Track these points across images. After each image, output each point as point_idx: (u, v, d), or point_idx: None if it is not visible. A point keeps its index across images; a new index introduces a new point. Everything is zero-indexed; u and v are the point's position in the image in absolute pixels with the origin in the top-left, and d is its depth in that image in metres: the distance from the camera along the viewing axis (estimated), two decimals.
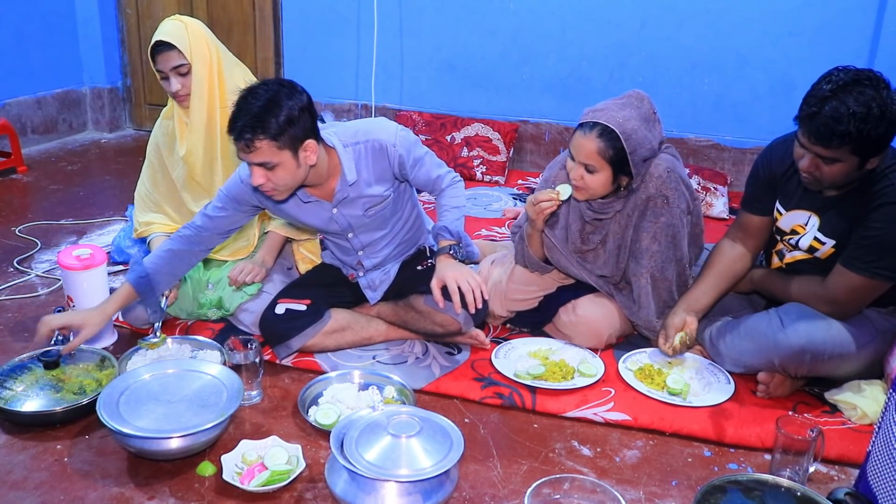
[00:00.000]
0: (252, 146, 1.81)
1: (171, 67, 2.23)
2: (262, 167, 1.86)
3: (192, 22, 2.28)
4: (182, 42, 2.22)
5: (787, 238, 2.09)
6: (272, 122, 1.80)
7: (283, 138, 1.82)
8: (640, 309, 2.19)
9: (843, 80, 1.76)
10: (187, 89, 2.26)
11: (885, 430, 1.51)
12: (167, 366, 1.89)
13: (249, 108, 1.81)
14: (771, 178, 2.09)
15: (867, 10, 3.47)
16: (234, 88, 2.27)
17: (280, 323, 2.12)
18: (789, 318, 1.99)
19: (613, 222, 2.17)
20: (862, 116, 1.71)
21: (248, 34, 4.56)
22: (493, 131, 4.05)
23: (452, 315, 2.11)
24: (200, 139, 2.32)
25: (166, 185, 2.47)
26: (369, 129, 2.07)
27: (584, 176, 2.05)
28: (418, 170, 2.10)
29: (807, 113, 1.79)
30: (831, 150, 1.78)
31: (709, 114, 3.87)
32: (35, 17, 4.35)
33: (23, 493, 1.63)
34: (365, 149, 2.04)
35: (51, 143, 4.54)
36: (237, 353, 1.94)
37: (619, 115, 2.00)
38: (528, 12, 3.99)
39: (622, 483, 1.72)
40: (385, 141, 2.04)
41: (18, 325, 2.36)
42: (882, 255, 1.87)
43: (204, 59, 2.26)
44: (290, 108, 1.83)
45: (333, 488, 1.58)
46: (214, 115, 2.31)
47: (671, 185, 2.08)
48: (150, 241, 2.46)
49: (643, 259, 2.14)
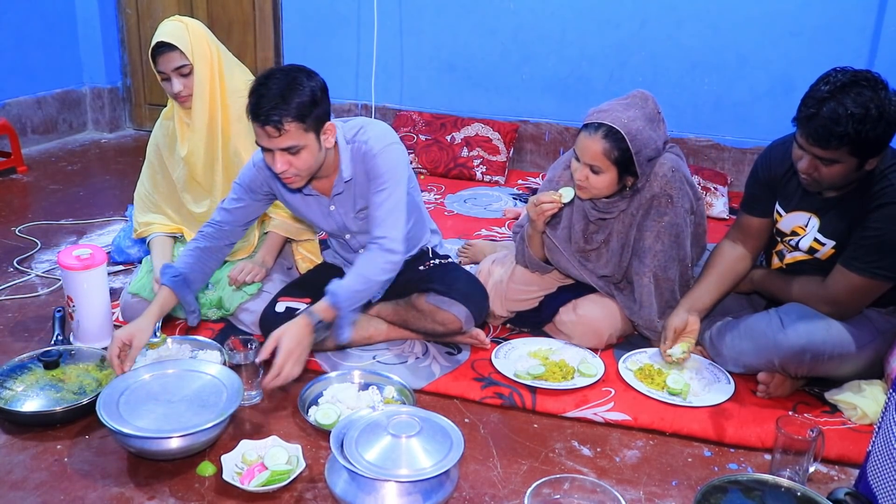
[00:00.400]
0: (282, 129, 1.79)
1: (173, 68, 2.22)
2: (287, 152, 1.84)
3: (193, 22, 2.28)
4: (183, 42, 2.21)
5: (787, 239, 2.09)
6: (298, 103, 1.79)
7: (309, 120, 1.82)
8: (641, 308, 2.19)
9: (840, 81, 1.75)
10: (189, 90, 2.26)
11: (885, 430, 1.51)
12: (167, 366, 1.89)
13: (272, 91, 1.79)
14: (771, 179, 2.09)
15: (867, 10, 3.47)
16: (235, 89, 2.28)
17: (280, 321, 2.11)
18: (789, 318, 1.99)
19: (617, 221, 2.17)
20: (860, 117, 1.71)
21: (248, 34, 4.56)
22: (493, 131, 4.05)
23: (455, 312, 2.12)
24: (202, 139, 2.31)
25: (166, 185, 2.47)
26: (367, 130, 2.04)
27: (590, 176, 2.05)
28: (375, 197, 1.98)
29: (805, 114, 1.79)
30: (829, 151, 1.77)
31: (709, 114, 3.87)
32: (35, 17, 4.35)
33: (23, 493, 1.63)
34: (357, 148, 2.03)
35: (51, 143, 4.54)
36: (237, 353, 1.94)
37: (623, 115, 2.00)
38: (528, 12, 3.99)
39: (622, 483, 1.72)
40: (370, 147, 2.00)
41: (18, 325, 2.36)
42: (882, 256, 1.87)
43: (205, 60, 2.25)
44: (312, 88, 1.83)
45: (333, 488, 1.58)
46: (216, 115, 2.30)
47: (675, 185, 2.09)
48: (149, 241, 2.45)
49: (646, 258, 2.14)
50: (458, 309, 2.11)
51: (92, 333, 2.21)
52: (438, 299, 2.13)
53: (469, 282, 2.24)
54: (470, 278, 2.27)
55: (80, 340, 2.21)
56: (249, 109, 1.83)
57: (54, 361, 1.99)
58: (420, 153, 4.06)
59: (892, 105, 1.73)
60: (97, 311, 2.21)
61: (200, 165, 2.35)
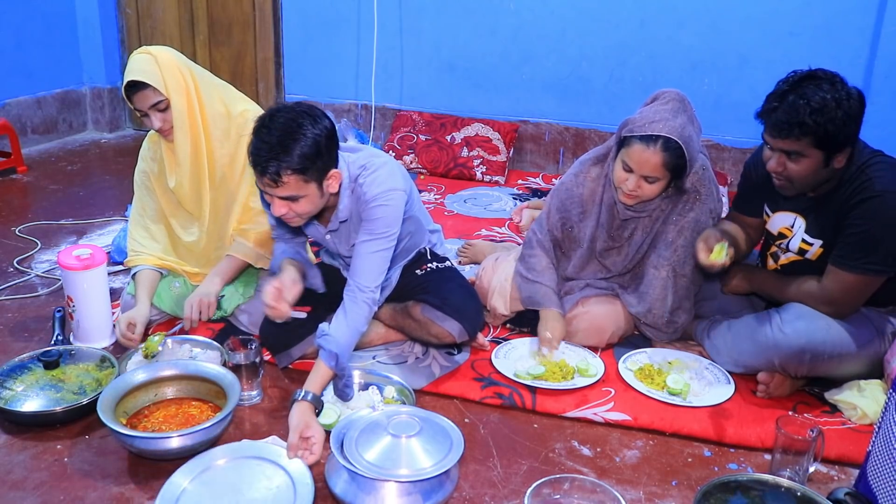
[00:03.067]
0: (280, 182, 1.72)
1: (149, 105, 2.14)
2: (286, 199, 1.79)
3: (162, 52, 2.17)
4: (155, 78, 2.11)
5: (777, 242, 2.10)
6: (300, 155, 1.70)
7: (311, 171, 1.74)
8: (652, 303, 2.19)
9: (798, 77, 1.84)
10: (169, 123, 2.18)
11: (885, 430, 1.51)
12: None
13: (272, 140, 1.70)
14: (759, 179, 2.10)
15: (867, 10, 3.47)
16: (216, 113, 2.22)
17: (281, 332, 2.09)
18: (789, 319, 1.99)
19: (645, 217, 2.18)
20: (817, 107, 1.77)
21: (248, 34, 4.56)
22: (493, 131, 4.05)
23: (448, 328, 2.10)
24: (187, 171, 2.24)
25: (155, 209, 2.38)
26: (369, 174, 1.93)
27: (643, 186, 2.06)
28: (364, 245, 1.92)
29: (766, 109, 1.86)
30: (791, 140, 1.82)
31: (709, 114, 3.86)
32: (35, 17, 4.35)
33: (23, 493, 1.63)
34: (358, 192, 1.95)
35: (51, 143, 4.54)
36: (237, 353, 1.94)
37: (675, 123, 2.00)
38: (528, 12, 3.99)
39: (622, 483, 1.72)
40: (368, 197, 1.91)
41: (18, 325, 2.36)
42: (869, 251, 1.88)
43: (181, 91, 2.16)
44: (316, 137, 1.73)
45: (333, 488, 1.58)
46: (199, 144, 2.23)
47: (705, 183, 2.13)
48: (134, 273, 2.33)
49: (666, 251, 2.16)
50: (451, 325, 2.09)
51: (92, 333, 2.21)
52: (433, 313, 2.11)
53: (463, 295, 2.18)
54: (465, 290, 2.22)
55: (80, 340, 2.21)
56: (249, 153, 1.75)
57: (54, 361, 1.99)
58: (420, 153, 4.06)
59: (850, 98, 1.79)
60: (97, 311, 2.21)
61: (188, 195, 2.29)
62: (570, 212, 2.27)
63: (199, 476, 1.59)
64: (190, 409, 1.86)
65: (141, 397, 1.86)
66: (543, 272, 2.29)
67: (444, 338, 2.12)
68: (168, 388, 1.90)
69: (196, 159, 2.25)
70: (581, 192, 2.25)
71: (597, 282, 2.30)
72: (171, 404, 1.87)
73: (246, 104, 2.31)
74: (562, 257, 2.35)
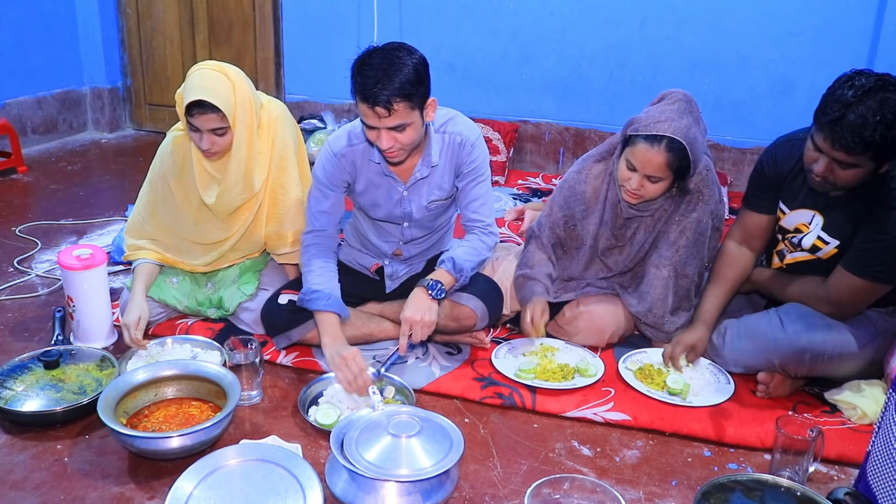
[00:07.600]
0: (391, 109, 1.80)
1: (209, 129, 2.04)
2: (393, 130, 1.85)
3: (238, 79, 2.08)
4: (227, 106, 2.01)
5: (789, 237, 2.08)
6: (407, 84, 1.80)
7: (416, 98, 1.83)
8: (652, 302, 2.19)
9: (866, 86, 1.71)
10: (219, 148, 2.08)
11: (885, 430, 1.51)
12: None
13: (378, 74, 1.79)
14: (776, 176, 2.07)
15: (867, 10, 3.46)
16: (260, 139, 2.19)
17: (282, 314, 2.13)
18: (789, 318, 1.99)
19: (649, 216, 2.18)
20: (888, 123, 1.68)
21: (248, 34, 4.56)
22: (493, 131, 4.05)
23: (472, 306, 2.13)
24: (237, 194, 2.18)
25: (167, 214, 2.30)
26: (457, 121, 2.09)
27: (646, 185, 2.06)
28: (471, 184, 2.09)
29: (830, 118, 1.74)
30: (853, 156, 1.75)
31: (709, 114, 3.82)
32: (35, 17, 4.35)
33: (23, 493, 1.63)
34: (449, 138, 2.06)
35: (51, 143, 4.54)
36: (237, 353, 1.94)
37: (681, 124, 2.00)
38: (528, 12, 3.99)
39: (622, 483, 1.72)
40: (466, 138, 2.06)
41: (18, 325, 2.36)
42: (884, 260, 1.87)
43: (247, 125, 2.10)
44: (416, 65, 1.83)
45: (333, 488, 1.58)
46: (252, 169, 2.17)
47: (708, 183, 2.13)
48: (135, 266, 2.29)
49: (668, 251, 2.16)
50: (476, 303, 2.12)
51: (92, 333, 2.21)
52: (456, 294, 2.13)
53: (487, 281, 2.25)
54: (488, 279, 2.27)
55: (80, 340, 2.21)
56: (356, 90, 1.83)
57: (54, 361, 1.99)
58: None
59: None
60: (97, 311, 2.21)
61: (224, 210, 2.22)
62: (574, 209, 2.27)
63: (205, 479, 1.55)
64: (190, 408, 1.86)
65: (141, 397, 1.86)
66: (537, 266, 2.30)
67: (466, 319, 2.13)
68: (168, 388, 1.90)
69: (247, 183, 2.18)
70: (584, 189, 2.25)
71: (597, 281, 2.31)
72: (172, 404, 1.87)
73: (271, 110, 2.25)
74: (564, 256, 2.35)
